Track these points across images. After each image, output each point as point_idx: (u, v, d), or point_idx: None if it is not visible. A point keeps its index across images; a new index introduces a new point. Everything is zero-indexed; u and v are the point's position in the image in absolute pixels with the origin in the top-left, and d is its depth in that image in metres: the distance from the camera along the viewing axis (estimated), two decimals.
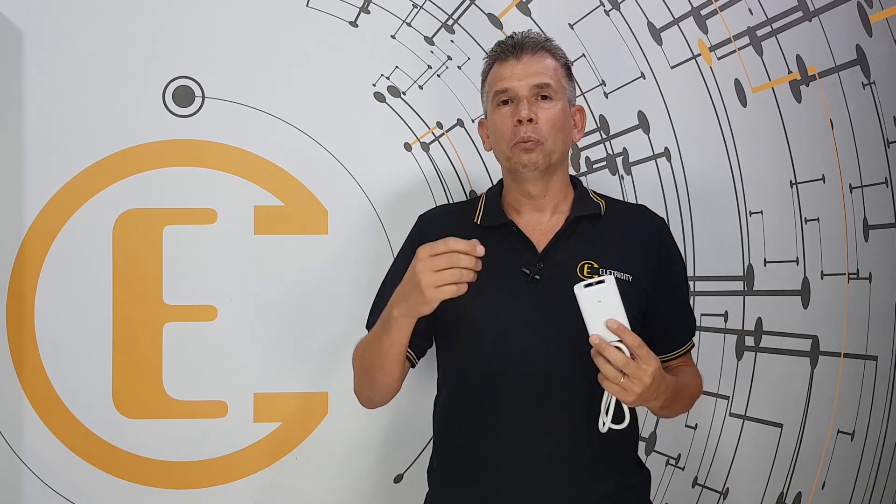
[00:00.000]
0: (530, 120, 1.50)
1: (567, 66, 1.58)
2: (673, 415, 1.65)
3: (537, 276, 1.50)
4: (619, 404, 1.40)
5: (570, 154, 1.93)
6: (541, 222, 1.57)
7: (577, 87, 1.63)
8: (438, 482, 1.61)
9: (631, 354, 1.33)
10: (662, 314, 1.57)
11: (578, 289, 1.33)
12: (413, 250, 1.58)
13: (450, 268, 1.31)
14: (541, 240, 1.54)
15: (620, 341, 1.33)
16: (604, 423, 1.40)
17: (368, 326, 1.64)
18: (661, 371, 1.37)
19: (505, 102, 1.54)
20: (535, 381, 1.49)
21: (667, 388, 1.40)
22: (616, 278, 1.39)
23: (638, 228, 1.60)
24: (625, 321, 1.34)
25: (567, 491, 1.49)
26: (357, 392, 1.62)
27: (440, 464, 1.61)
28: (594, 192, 1.64)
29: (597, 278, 1.34)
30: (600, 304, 1.33)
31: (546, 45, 1.56)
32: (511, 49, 1.54)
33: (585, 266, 1.52)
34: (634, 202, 1.91)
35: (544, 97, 1.52)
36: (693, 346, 1.66)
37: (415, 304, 1.36)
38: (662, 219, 1.66)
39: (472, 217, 1.59)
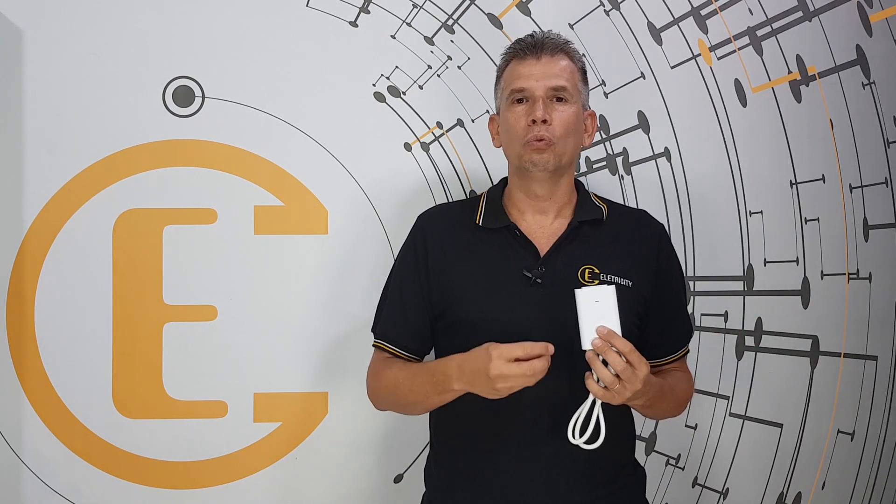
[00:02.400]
0: (544, 121, 1.50)
1: (583, 70, 1.59)
2: (657, 416, 1.66)
3: (539, 280, 1.50)
4: (596, 422, 1.41)
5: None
6: (543, 225, 1.57)
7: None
8: (435, 483, 1.62)
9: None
10: (659, 320, 1.58)
11: (578, 290, 1.37)
12: (415, 251, 1.59)
13: (525, 375, 1.36)
14: (543, 244, 1.55)
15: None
16: (573, 437, 1.41)
17: (375, 331, 1.64)
18: (650, 374, 1.40)
19: (520, 101, 1.54)
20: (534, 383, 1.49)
21: (651, 389, 1.42)
22: (617, 285, 1.43)
23: (638, 234, 1.61)
24: (617, 327, 1.36)
25: (563, 491, 1.50)
26: (376, 404, 1.65)
27: (437, 465, 1.62)
28: (596, 196, 1.64)
29: (598, 283, 1.37)
30: (598, 304, 1.36)
31: (565, 47, 1.56)
32: (531, 48, 1.54)
33: (586, 271, 1.52)
34: (635, 207, 1.91)
35: (559, 99, 1.53)
36: (688, 351, 1.67)
37: (483, 391, 1.40)
38: (662, 225, 1.66)
39: (474, 218, 1.59)
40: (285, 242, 1.91)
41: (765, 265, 1.95)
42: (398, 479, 1.94)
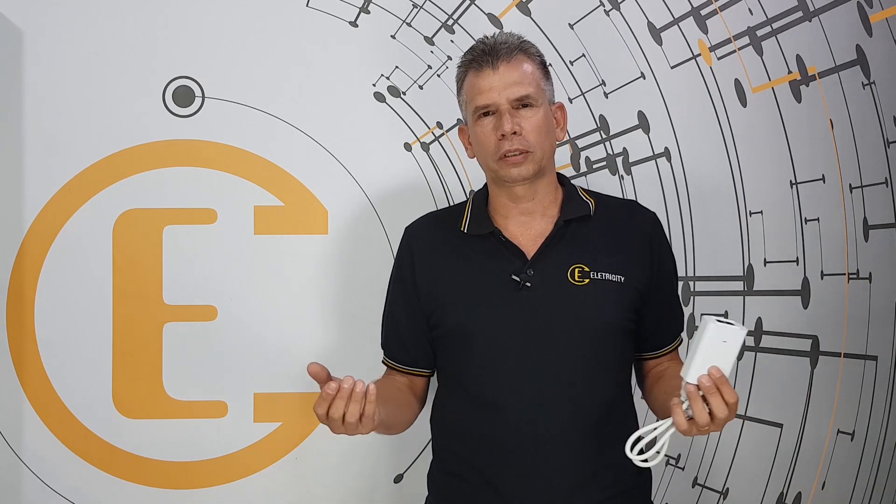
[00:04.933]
0: (515, 132, 1.46)
1: (544, 66, 1.53)
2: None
3: (528, 284, 1.49)
4: (659, 445, 1.34)
5: (562, 154, 1.93)
6: (529, 227, 1.54)
7: (554, 84, 1.58)
8: (438, 487, 1.61)
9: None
10: (653, 311, 1.56)
11: (711, 319, 1.28)
12: (402, 267, 1.59)
13: (341, 419, 1.35)
14: (530, 246, 1.52)
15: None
16: (630, 451, 1.33)
17: (384, 346, 1.63)
18: None
19: (486, 114, 1.50)
20: (530, 388, 1.48)
21: None
22: (607, 281, 1.45)
23: (629, 226, 1.57)
24: (731, 374, 1.29)
25: (567, 495, 1.49)
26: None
27: (439, 469, 1.61)
28: (583, 190, 1.60)
29: (731, 323, 1.28)
30: (725, 344, 1.27)
31: (521, 46, 1.50)
32: (485, 57, 1.48)
33: (576, 270, 1.51)
34: (625, 197, 1.90)
35: (525, 105, 1.48)
36: (682, 341, 1.66)
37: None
38: (654, 213, 1.63)
39: (459, 226, 1.57)
40: (285, 242, 1.91)
41: (765, 265, 1.95)
42: (398, 479, 1.94)
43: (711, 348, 1.27)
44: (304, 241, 1.91)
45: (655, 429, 1.32)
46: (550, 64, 1.58)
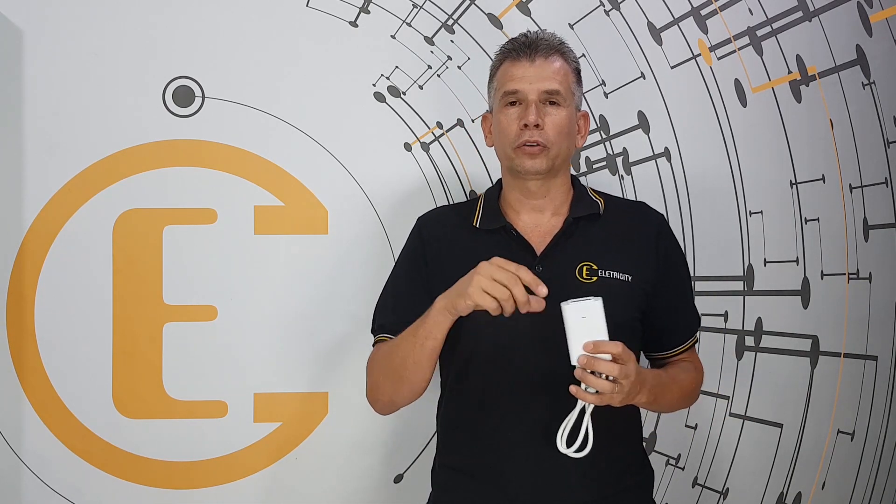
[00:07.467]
0: (537, 125, 1.50)
1: (578, 71, 1.57)
2: (665, 409, 1.65)
3: None
4: (578, 428, 1.39)
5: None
6: (540, 224, 1.57)
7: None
8: (441, 481, 1.62)
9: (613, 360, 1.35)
10: (663, 312, 1.57)
11: (565, 304, 1.35)
12: (415, 254, 1.60)
13: (504, 285, 1.33)
14: (539, 242, 1.54)
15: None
16: (563, 446, 1.39)
17: (374, 331, 1.64)
18: (639, 366, 1.39)
19: (513, 103, 1.53)
20: (535, 382, 1.49)
21: (647, 381, 1.41)
22: (616, 280, 1.44)
23: (637, 226, 1.60)
24: (605, 338, 1.35)
25: (569, 490, 1.49)
26: (375, 397, 1.59)
27: (442, 463, 1.62)
28: (593, 191, 1.63)
29: (584, 299, 1.35)
30: (585, 319, 1.34)
31: (560, 48, 1.55)
32: (525, 49, 1.53)
33: (584, 268, 1.52)
34: (634, 198, 1.91)
35: (552, 102, 1.52)
36: (697, 340, 1.66)
37: (456, 294, 1.38)
38: (662, 215, 1.66)
39: (471, 220, 1.59)
40: (285, 242, 1.91)
41: (765, 265, 1.95)
42: (398, 479, 1.94)
43: (577, 328, 1.34)
44: (304, 241, 1.91)
45: (573, 418, 1.39)
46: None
